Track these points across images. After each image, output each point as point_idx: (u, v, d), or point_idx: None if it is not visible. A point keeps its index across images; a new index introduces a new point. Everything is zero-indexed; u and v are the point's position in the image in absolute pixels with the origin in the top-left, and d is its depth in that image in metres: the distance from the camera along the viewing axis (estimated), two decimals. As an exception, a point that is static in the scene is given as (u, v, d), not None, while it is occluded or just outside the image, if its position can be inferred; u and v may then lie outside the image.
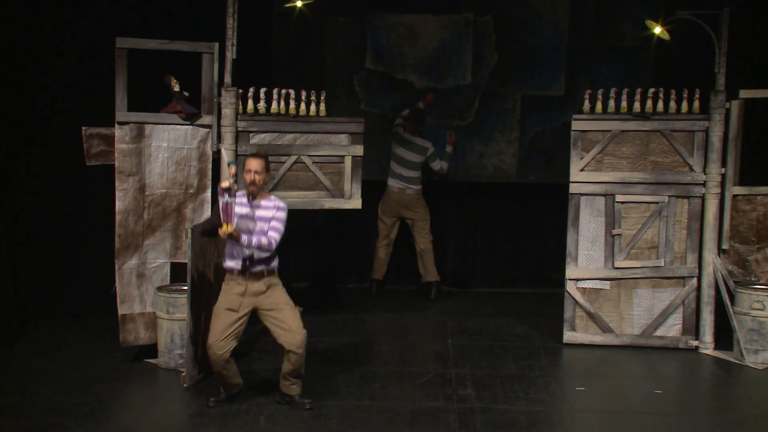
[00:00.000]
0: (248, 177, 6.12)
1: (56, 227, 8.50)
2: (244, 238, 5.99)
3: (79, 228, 8.53)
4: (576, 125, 7.85)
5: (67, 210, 8.49)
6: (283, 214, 6.18)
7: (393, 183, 9.59)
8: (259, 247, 6.05)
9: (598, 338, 7.91)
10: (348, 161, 7.80)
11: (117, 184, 7.21)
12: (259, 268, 6.18)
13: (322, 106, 7.80)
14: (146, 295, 7.35)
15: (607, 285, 7.91)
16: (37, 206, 8.37)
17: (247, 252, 6.13)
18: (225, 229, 5.90)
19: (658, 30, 8.03)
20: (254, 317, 6.34)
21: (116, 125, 7.22)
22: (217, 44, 7.34)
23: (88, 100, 8.16)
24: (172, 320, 7.07)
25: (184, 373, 6.70)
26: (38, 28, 8.27)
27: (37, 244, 8.39)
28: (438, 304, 9.44)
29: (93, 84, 8.17)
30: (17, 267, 8.12)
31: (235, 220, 5.96)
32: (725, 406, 6.60)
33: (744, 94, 7.69)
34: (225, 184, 5.90)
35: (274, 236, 6.12)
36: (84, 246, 8.53)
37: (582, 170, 7.85)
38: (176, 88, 7.32)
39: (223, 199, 5.89)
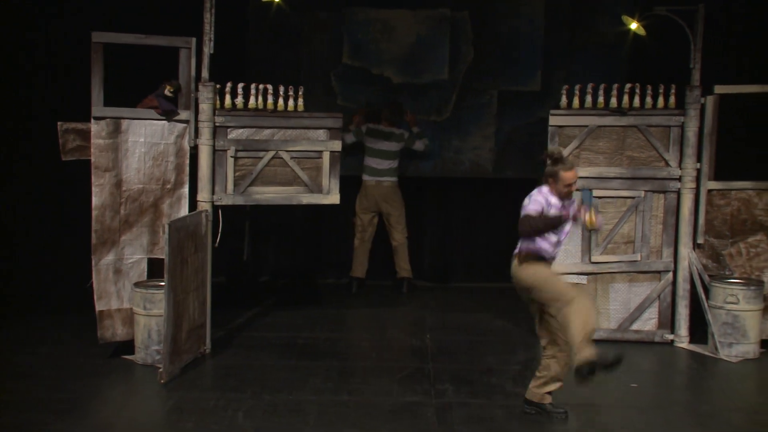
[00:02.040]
0: (568, 189, 6.05)
1: (32, 223, 8.43)
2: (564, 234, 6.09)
3: (56, 223, 8.47)
4: (553, 120, 7.88)
5: (43, 205, 8.42)
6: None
7: (368, 178, 9.58)
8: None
9: (575, 332, 7.94)
10: (326, 156, 7.79)
11: (93, 179, 7.16)
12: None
13: (300, 102, 7.78)
14: (123, 291, 7.31)
15: (584, 279, 7.95)
16: (12, 201, 8.31)
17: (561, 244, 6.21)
18: (592, 224, 5.93)
19: (634, 26, 8.07)
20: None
21: (92, 120, 7.16)
22: (194, 39, 7.30)
23: (63, 94, 8.10)
24: (149, 316, 7.03)
25: (161, 369, 6.67)
26: (11, 23, 8.20)
27: (13, 240, 8.32)
28: (416, 300, 9.45)
29: (68, 79, 8.11)
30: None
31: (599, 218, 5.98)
32: (700, 399, 6.66)
33: (719, 89, 7.76)
34: (586, 219, 5.91)
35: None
36: (61, 242, 8.47)
37: (559, 165, 7.87)
38: (167, 92, 7.26)
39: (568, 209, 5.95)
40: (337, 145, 7.79)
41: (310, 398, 6.41)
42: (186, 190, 7.46)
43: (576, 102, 7.90)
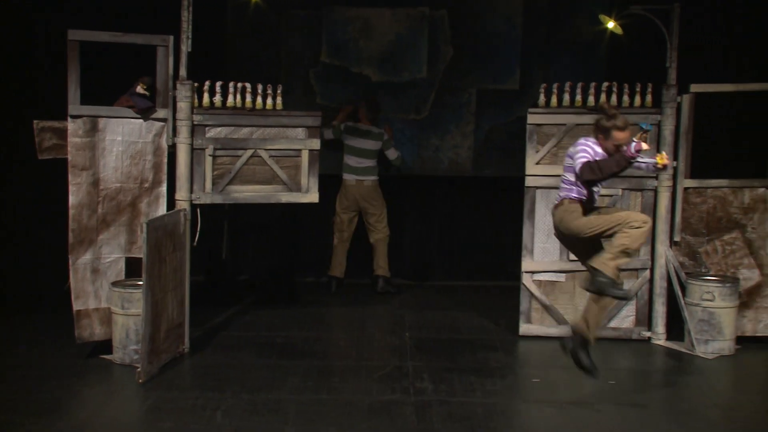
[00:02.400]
0: (616, 150, 6.09)
1: (9, 221, 8.37)
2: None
3: (33, 222, 8.41)
4: (531, 119, 7.91)
5: (20, 204, 8.36)
6: None
7: (349, 177, 9.57)
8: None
9: (554, 330, 7.99)
10: (305, 155, 7.78)
11: (70, 178, 7.12)
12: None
13: (279, 100, 7.76)
14: (101, 290, 7.27)
15: (562, 277, 7.99)
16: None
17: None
18: (663, 161, 6.05)
19: (611, 25, 8.12)
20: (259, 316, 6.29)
21: (69, 119, 7.12)
22: (171, 37, 7.26)
23: (38, 92, 8.05)
24: (128, 315, 7.00)
25: (139, 369, 6.64)
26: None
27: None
28: (395, 298, 9.46)
29: (44, 77, 8.06)
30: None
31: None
32: (677, 395, 6.71)
33: (695, 88, 7.81)
34: (646, 146, 5.94)
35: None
36: (38, 241, 8.42)
37: (537, 163, 7.91)
38: (139, 90, 7.23)
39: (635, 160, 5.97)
40: (315, 144, 7.78)
41: (289, 397, 6.40)
42: (164, 188, 7.43)
43: (554, 100, 7.93)
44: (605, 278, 6.08)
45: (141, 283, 6.74)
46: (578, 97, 7.90)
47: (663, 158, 6.09)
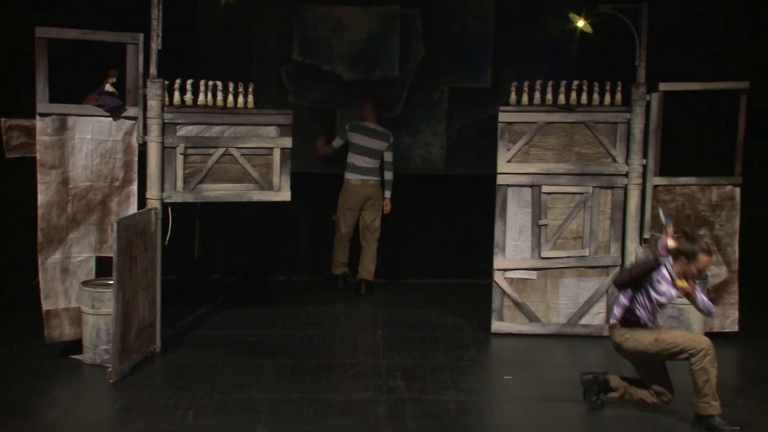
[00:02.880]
0: (700, 275, 5.97)
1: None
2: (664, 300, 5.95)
3: (1, 222, 8.33)
4: (503, 117, 7.94)
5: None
6: None
7: (353, 176, 9.45)
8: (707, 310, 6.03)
9: (525, 327, 8.03)
10: (277, 153, 7.76)
11: (39, 177, 7.05)
12: None
13: (250, 98, 7.74)
14: (71, 290, 7.21)
15: (533, 275, 8.03)
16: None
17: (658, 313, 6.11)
18: (682, 285, 5.85)
19: (581, 23, 8.17)
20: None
21: (37, 117, 7.05)
22: (141, 35, 7.22)
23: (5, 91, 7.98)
24: (98, 315, 6.95)
25: (110, 369, 6.60)
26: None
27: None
28: (368, 296, 9.47)
29: (11, 74, 7.99)
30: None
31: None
32: (648, 391, 6.77)
33: (663, 86, 7.88)
34: (671, 243, 5.79)
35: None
36: (6, 240, 8.33)
37: (509, 162, 7.95)
38: (108, 88, 7.18)
39: (667, 261, 5.83)
40: (287, 142, 7.76)
41: (262, 396, 6.39)
42: (135, 187, 7.38)
43: (525, 99, 7.97)
44: (716, 420, 5.92)
45: (112, 282, 6.70)
46: (549, 96, 7.95)
47: (684, 285, 5.90)
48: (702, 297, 5.99)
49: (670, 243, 5.86)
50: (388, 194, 9.56)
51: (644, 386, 6.22)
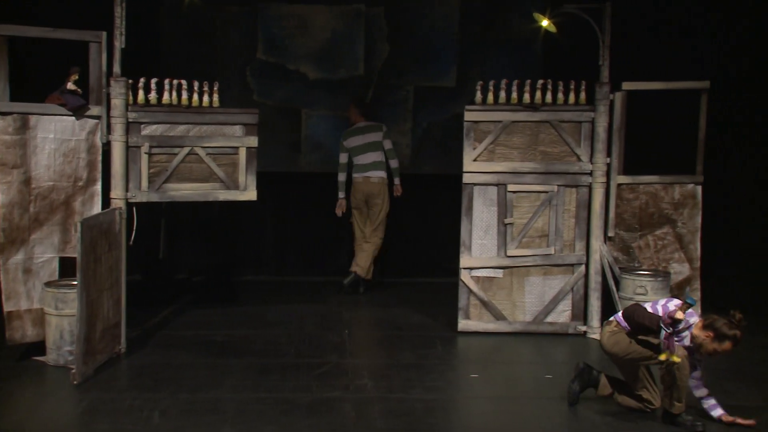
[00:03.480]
0: (712, 355, 5.89)
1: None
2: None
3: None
4: (468, 116, 7.97)
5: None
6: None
7: (357, 175, 9.44)
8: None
9: (492, 326, 8.07)
10: (242, 152, 7.73)
11: (0, 176, 6.96)
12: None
13: (215, 97, 7.70)
14: (33, 290, 7.13)
15: (499, 273, 8.07)
16: None
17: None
18: (668, 358, 5.76)
19: (545, 23, 8.22)
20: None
21: (-2, 116, 6.98)
22: (104, 33, 7.16)
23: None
24: (61, 316, 6.88)
25: (74, 370, 6.54)
26: None
27: None
28: (334, 295, 9.46)
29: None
30: None
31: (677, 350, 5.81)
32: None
33: (626, 86, 7.96)
34: (680, 315, 5.68)
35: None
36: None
37: (475, 160, 7.98)
38: (70, 86, 7.10)
39: (667, 330, 5.73)
40: (253, 141, 7.73)
41: (228, 396, 6.36)
42: (99, 187, 7.32)
43: (490, 98, 8.00)
44: (681, 417, 5.97)
45: (75, 283, 6.63)
46: (514, 95, 7.99)
47: (672, 358, 5.82)
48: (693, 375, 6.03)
49: (678, 315, 5.72)
50: (397, 180, 9.60)
51: (631, 393, 6.26)
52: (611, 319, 6.22)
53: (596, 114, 7.94)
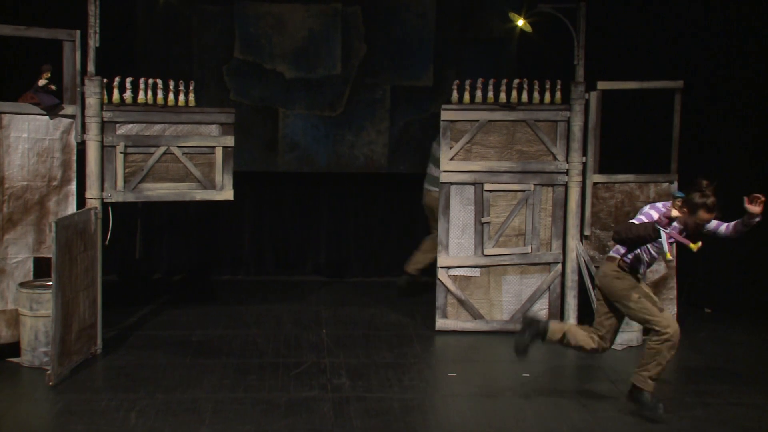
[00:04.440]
0: (695, 229, 5.98)
1: None
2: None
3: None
4: (445, 115, 7.99)
5: None
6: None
7: (424, 186, 9.08)
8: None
9: (469, 325, 8.09)
10: (219, 152, 7.70)
11: (-27, 176, 6.92)
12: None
13: (191, 96, 7.67)
14: (7, 291, 7.07)
15: (477, 272, 8.09)
16: None
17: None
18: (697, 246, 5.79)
19: (520, 22, 8.26)
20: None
21: (-29, 115, 6.92)
22: (78, 32, 7.11)
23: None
24: (36, 317, 6.83)
25: (49, 371, 6.49)
26: None
27: None
28: (312, 294, 9.45)
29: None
30: None
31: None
32: (587, 386, 6.86)
33: (601, 85, 8.00)
34: (675, 214, 5.83)
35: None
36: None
37: (452, 159, 8.00)
38: (40, 83, 7.05)
39: (665, 231, 5.79)
40: (230, 141, 7.71)
41: (206, 396, 6.34)
42: (73, 187, 7.27)
43: (467, 97, 8.03)
44: (645, 396, 6.11)
45: (50, 283, 6.59)
46: (490, 94, 8.02)
47: (694, 246, 5.87)
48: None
49: (673, 213, 5.92)
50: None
51: (586, 330, 6.33)
52: (614, 256, 6.21)
53: (572, 113, 7.98)
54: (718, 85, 8.94)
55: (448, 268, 8.07)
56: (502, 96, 7.98)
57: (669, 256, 5.87)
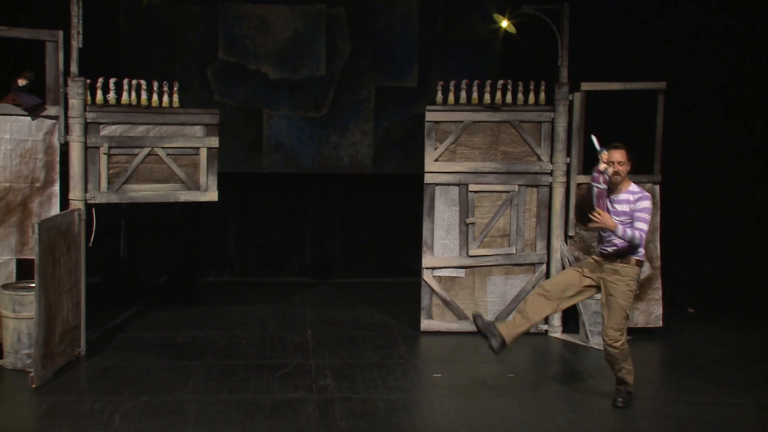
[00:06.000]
0: (611, 168, 6.14)
1: None
2: (620, 228, 6.03)
3: None
4: (429, 116, 8.00)
5: None
6: (647, 203, 6.15)
7: None
8: (631, 240, 6.04)
9: (454, 325, 8.10)
10: (203, 153, 7.68)
11: (-45, 178, 6.88)
12: (610, 249, 6.23)
13: (175, 97, 7.65)
14: (-10, 293, 7.04)
15: (462, 273, 8.10)
16: None
17: (615, 241, 6.16)
18: (600, 216, 6.01)
19: (504, 23, 8.28)
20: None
21: (-47, 116, 6.88)
22: (61, 32, 7.08)
23: None
24: (19, 319, 6.79)
25: (32, 374, 6.45)
26: None
27: None
28: (297, 296, 9.44)
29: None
30: None
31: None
32: (572, 386, 6.88)
33: (585, 86, 8.03)
34: (603, 167, 6.06)
35: (642, 227, 6.09)
36: None
37: (436, 160, 8.01)
38: (20, 83, 7.02)
39: (598, 186, 6.05)
40: (214, 142, 7.69)
41: (190, 398, 6.32)
42: (57, 188, 7.24)
43: (451, 98, 8.04)
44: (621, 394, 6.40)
45: (33, 285, 6.55)
46: (474, 95, 8.03)
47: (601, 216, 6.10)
48: (624, 228, 6.09)
49: (602, 166, 6.14)
50: None
51: (539, 300, 6.36)
52: (607, 252, 6.25)
53: (556, 114, 8.01)
54: (701, 86, 8.99)
55: (433, 268, 8.08)
56: (487, 97, 7.99)
57: (595, 213, 6.07)
